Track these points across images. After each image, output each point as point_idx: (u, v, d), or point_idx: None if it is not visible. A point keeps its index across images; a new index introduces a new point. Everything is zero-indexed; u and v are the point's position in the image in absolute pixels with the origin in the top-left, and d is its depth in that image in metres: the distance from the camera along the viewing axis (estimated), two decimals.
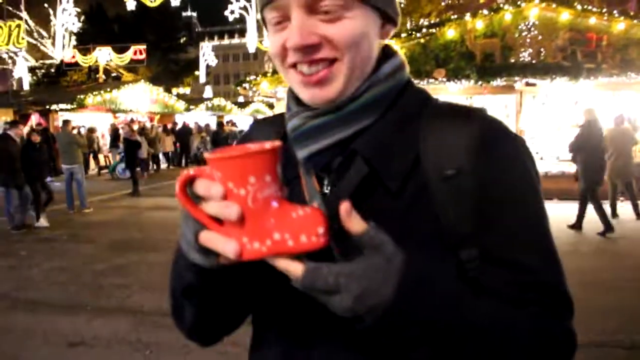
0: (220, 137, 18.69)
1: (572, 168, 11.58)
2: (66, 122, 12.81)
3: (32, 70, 34.73)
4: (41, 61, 35.42)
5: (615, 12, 11.79)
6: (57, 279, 6.60)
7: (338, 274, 0.67)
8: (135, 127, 17.77)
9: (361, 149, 0.84)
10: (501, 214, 0.80)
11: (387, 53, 0.91)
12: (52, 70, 36.07)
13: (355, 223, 0.69)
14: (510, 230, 0.80)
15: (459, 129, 0.83)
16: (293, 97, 0.93)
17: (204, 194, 0.69)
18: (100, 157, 21.27)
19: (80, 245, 8.40)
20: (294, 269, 0.68)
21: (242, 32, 35.53)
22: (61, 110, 21.05)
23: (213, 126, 22.77)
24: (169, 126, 24.69)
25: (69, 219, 10.82)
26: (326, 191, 0.86)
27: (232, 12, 27.57)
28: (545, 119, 12.00)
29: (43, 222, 9.99)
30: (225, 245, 0.68)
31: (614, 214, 9.59)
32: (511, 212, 0.81)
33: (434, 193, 0.81)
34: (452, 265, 0.80)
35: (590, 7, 12.08)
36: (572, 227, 8.77)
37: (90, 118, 22.20)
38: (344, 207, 0.69)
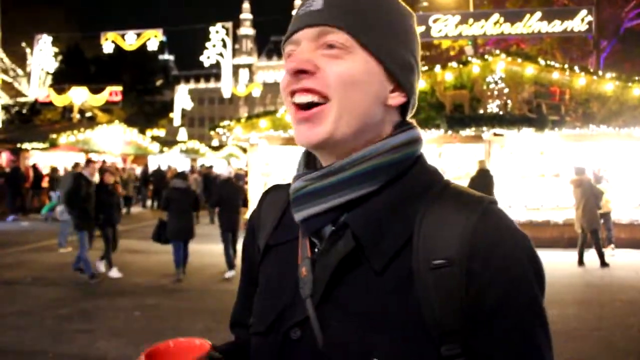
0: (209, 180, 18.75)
1: (539, 216, 11.89)
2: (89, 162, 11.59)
3: (5, 108, 34.40)
4: (15, 99, 35.14)
5: (576, 68, 12.36)
6: (16, 324, 6.41)
7: None
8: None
9: (352, 223, 0.83)
10: (492, 317, 0.76)
11: (402, 125, 0.89)
12: (26, 108, 35.77)
13: None
14: (500, 337, 0.76)
15: (457, 217, 0.79)
16: (304, 158, 0.95)
17: None
18: None
19: (44, 289, 8.19)
20: None
21: (218, 77, 35.99)
22: (33, 149, 20.81)
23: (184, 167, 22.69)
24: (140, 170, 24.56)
25: (33, 259, 10.57)
26: (316, 257, 0.86)
27: (209, 57, 28.00)
28: (513, 168, 12.33)
29: (115, 272, 8.95)
30: None
31: (581, 262, 9.80)
32: (504, 318, 0.76)
33: (419, 281, 0.77)
34: (428, 353, 0.76)
35: (553, 63, 12.64)
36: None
37: (63, 158, 21.96)
38: None
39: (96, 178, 10.04)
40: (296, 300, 0.85)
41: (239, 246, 6.80)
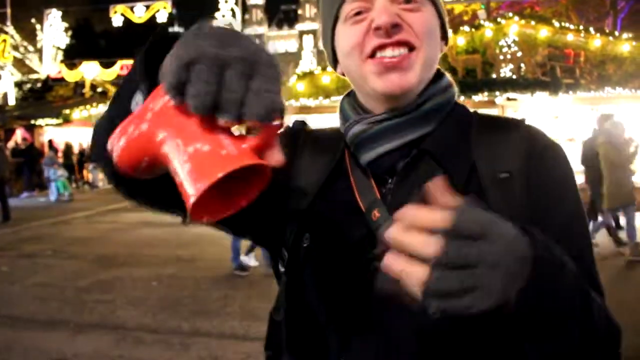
0: None
1: None
2: None
3: (18, 85, 34.59)
4: (27, 76, 35.30)
5: (591, 29, 12.08)
6: (39, 294, 6.59)
7: (478, 263, 0.55)
8: None
9: (431, 149, 0.90)
10: (549, 211, 0.86)
11: (437, 72, 0.98)
12: (38, 85, 35.94)
13: (450, 198, 0.59)
14: (559, 224, 0.85)
15: (507, 136, 0.90)
16: (351, 106, 0.98)
17: None
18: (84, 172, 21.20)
19: (63, 261, 8.38)
20: (416, 272, 0.57)
21: None
22: (47, 125, 20.98)
23: None
24: None
25: (52, 234, 10.77)
26: (388, 193, 0.89)
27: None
28: None
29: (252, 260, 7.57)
30: None
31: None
32: (559, 209, 0.87)
33: (490, 193, 0.85)
34: None
35: (567, 25, 12.37)
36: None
37: (76, 133, 22.14)
38: (436, 181, 0.61)
39: None
40: (370, 238, 0.87)
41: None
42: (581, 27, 12.28)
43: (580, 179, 11.30)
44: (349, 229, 0.91)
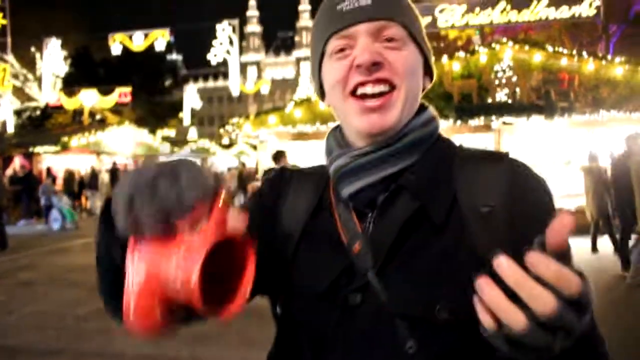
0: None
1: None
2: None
3: (17, 112, 34.76)
4: (26, 104, 35.51)
5: (584, 53, 12.27)
6: (36, 323, 6.53)
7: (567, 333, 0.58)
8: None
9: (409, 184, 0.90)
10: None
11: (421, 105, 1.00)
12: (37, 112, 36.14)
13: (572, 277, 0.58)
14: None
15: (490, 170, 0.91)
16: (336, 140, 1.01)
17: None
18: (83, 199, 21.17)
19: (61, 289, 8.32)
20: (513, 315, 0.57)
21: (227, 75, 36.14)
22: (45, 152, 21.04)
23: None
24: None
25: (50, 262, 10.72)
26: (369, 227, 0.91)
27: (216, 55, 28.12)
28: (523, 156, 12.24)
29: None
30: None
31: (594, 249, 9.76)
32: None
33: (472, 228, 0.85)
34: None
35: (561, 49, 12.56)
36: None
37: (75, 160, 22.18)
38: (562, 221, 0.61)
39: None
40: (351, 270, 0.89)
41: None
42: (574, 52, 12.49)
43: (577, 202, 11.36)
44: (331, 263, 0.92)
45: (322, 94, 1.03)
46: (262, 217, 1.02)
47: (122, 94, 31.59)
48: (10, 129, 29.46)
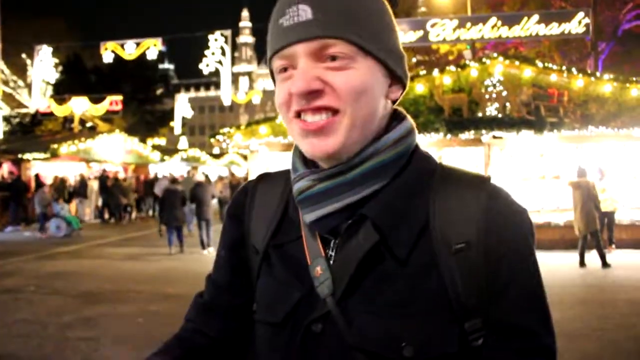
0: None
1: (539, 218, 11.89)
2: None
3: (6, 119, 34.51)
4: (16, 110, 35.27)
5: (574, 69, 12.41)
6: (20, 332, 6.43)
7: None
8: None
9: (371, 215, 0.83)
10: (507, 286, 0.82)
11: (396, 116, 0.91)
12: (27, 119, 35.92)
13: None
14: (515, 300, 0.82)
15: (468, 198, 0.84)
16: (299, 157, 0.93)
17: None
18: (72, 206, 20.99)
19: (47, 297, 8.21)
20: None
21: (218, 85, 36.21)
22: (34, 159, 20.88)
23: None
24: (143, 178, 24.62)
25: (35, 269, 10.60)
26: (331, 253, 0.86)
27: (208, 65, 28.15)
28: (513, 170, 12.36)
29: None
30: None
31: (582, 263, 9.81)
32: (517, 284, 0.83)
33: (443, 264, 0.81)
34: (454, 331, 0.80)
35: (551, 65, 12.70)
36: None
37: (64, 167, 22.02)
38: None
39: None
40: (313, 296, 0.85)
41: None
42: (564, 68, 12.63)
43: (566, 217, 11.42)
44: (291, 289, 0.89)
45: None
46: (234, 239, 1.01)
47: (113, 102, 31.50)
48: (0, 135, 29.26)
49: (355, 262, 0.82)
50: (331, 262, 0.85)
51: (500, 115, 12.03)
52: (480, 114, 12.24)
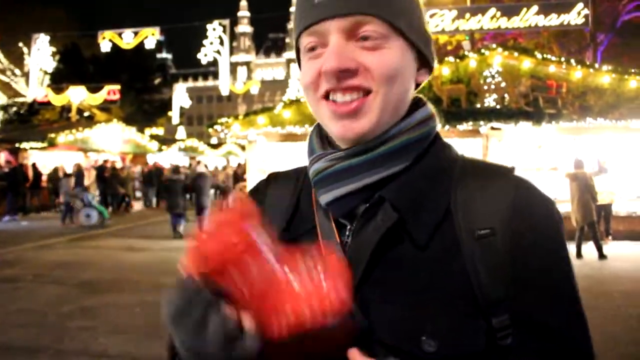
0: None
1: None
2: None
3: (3, 108, 34.41)
4: (13, 99, 35.15)
5: (572, 61, 12.39)
6: (19, 321, 6.46)
7: None
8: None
9: (390, 197, 0.80)
10: (535, 279, 0.77)
11: (418, 102, 0.89)
12: (24, 108, 35.82)
13: None
14: (544, 295, 0.77)
15: (492, 189, 0.81)
16: (317, 139, 0.91)
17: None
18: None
19: (45, 287, 8.24)
20: None
21: (216, 75, 36.08)
22: (31, 148, 20.85)
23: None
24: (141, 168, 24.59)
25: (34, 258, 10.61)
26: (347, 240, 0.83)
27: (206, 54, 28.06)
28: (511, 161, 12.36)
29: None
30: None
31: (579, 255, 9.86)
32: (546, 277, 0.77)
33: (466, 250, 0.77)
34: (480, 326, 0.76)
35: (549, 56, 12.68)
36: None
37: (61, 157, 21.99)
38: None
39: None
40: None
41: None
42: (563, 59, 12.60)
43: (563, 208, 11.45)
44: None
45: None
46: None
47: (111, 91, 31.39)
48: None
49: (372, 245, 0.78)
50: (347, 248, 0.82)
51: (498, 107, 12.03)
52: (478, 105, 12.23)
